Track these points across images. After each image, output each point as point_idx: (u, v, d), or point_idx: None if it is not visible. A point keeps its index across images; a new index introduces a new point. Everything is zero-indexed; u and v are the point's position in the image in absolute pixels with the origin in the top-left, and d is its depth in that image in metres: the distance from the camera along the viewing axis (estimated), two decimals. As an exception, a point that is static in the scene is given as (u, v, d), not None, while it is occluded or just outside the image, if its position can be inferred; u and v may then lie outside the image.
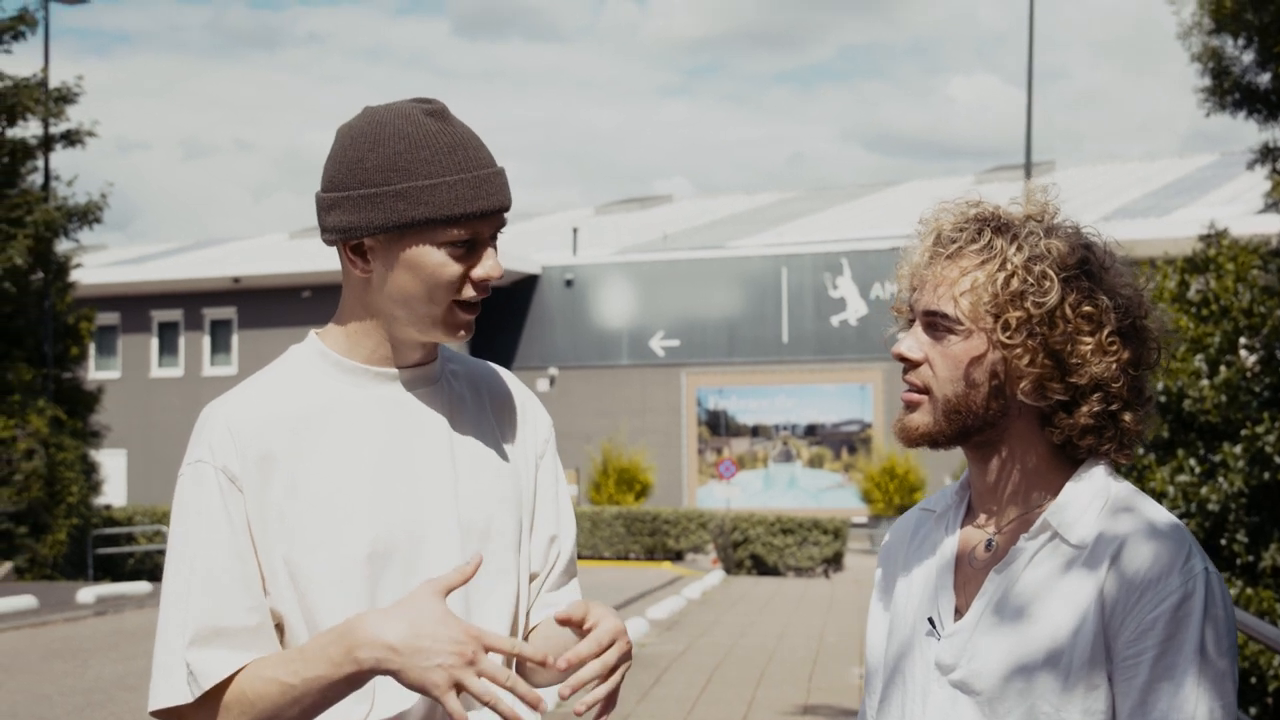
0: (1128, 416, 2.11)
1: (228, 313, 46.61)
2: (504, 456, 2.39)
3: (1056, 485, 2.14)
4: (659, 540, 33.67)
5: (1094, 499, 2.10)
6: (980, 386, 2.10)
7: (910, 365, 2.15)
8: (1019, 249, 2.09)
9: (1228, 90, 15.60)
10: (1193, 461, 13.55)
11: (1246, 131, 43.62)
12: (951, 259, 2.12)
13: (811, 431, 42.73)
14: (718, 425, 43.47)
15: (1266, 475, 13.27)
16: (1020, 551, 2.11)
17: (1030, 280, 2.07)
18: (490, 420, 2.40)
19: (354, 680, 2.10)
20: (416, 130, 2.21)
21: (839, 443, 42.53)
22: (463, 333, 2.27)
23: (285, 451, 2.21)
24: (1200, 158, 51.03)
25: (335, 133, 2.28)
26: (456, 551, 2.26)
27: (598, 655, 2.15)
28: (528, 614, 2.40)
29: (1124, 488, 2.12)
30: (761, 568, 31.08)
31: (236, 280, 45.65)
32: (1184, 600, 1.99)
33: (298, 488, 2.21)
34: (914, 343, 2.15)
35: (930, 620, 2.17)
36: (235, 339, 46.53)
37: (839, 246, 42.34)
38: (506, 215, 2.28)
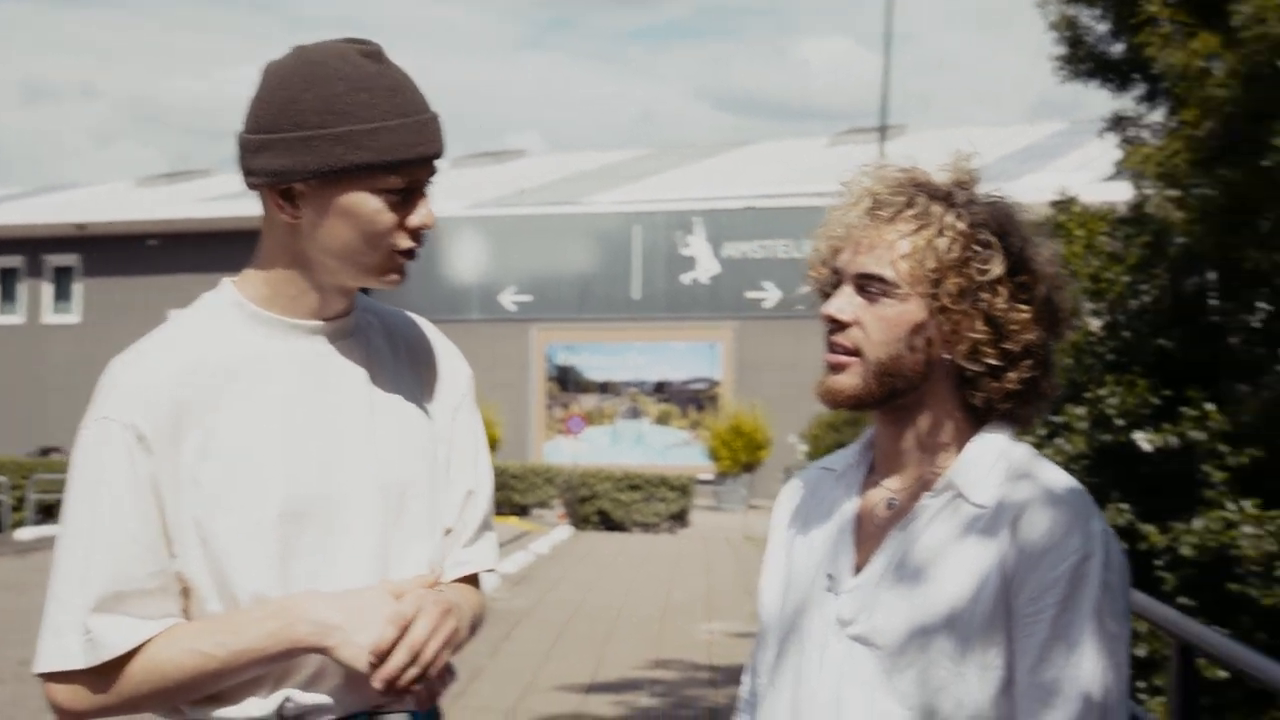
0: (1045, 383, 2.14)
1: (70, 260, 45.61)
2: (423, 411, 2.30)
3: (961, 446, 2.14)
4: (505, 495, 33.63)
5: (997, 460, 2.11)
6: (916, 350, 2.10)
7: (838, 326, 2.14)
8: (958, 216, 2.10)
9: (1082, 59, 15.74)
10: (1037, 423, 13.79)
11: (1095, 100, 44.45)
12: (889, 222, 2.12)
13: (660, 389, 42.89)
14: (567, 381, 43.47)
15: (1108, 437, 13.52)
16: (922, 510, 2.11)
17: (974, 248, 2.08)
18: (408, 373, 2.31)
19: (283, 656, 2.07)
20: (355, 71, 2.11)
21: (686, 400, 42.72)
22: (396, 278, 2.18)
23: (197, 409, 2.11)
24: (1050, 125, 51.72)
25: (262, 71, 2.16)
26: (376, 512, 2.18)
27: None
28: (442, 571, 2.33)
29: (1025, 451, 2.13)
30: (608, 523, 31.21)
31: (80, 227, 44.69)
32: (1083, 560, 2.00)
33: (210, 446, 2.11)
34: (845, 304, 2.13)
35: (829, 575, 2.16)
36: (78, 287, 45.56)
37: (691, 205, 42.42)
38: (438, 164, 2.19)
